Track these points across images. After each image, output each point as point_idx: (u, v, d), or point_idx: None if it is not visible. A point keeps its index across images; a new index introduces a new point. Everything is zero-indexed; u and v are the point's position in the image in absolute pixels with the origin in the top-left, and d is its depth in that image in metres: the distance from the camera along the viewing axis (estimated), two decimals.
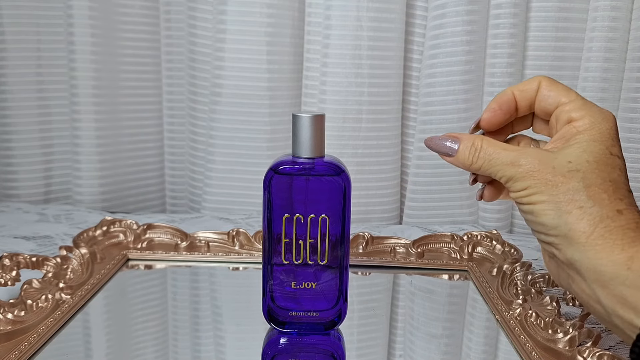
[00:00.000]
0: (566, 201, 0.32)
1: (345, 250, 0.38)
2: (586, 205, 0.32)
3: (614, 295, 0.31)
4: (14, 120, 0.74)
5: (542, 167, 0.33)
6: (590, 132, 0.34)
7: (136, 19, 0.75)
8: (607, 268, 0.30)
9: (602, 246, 0.31)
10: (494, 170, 0.35)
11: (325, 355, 0.38)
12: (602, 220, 0.31)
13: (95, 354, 0.39)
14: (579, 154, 0.33)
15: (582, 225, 0.31)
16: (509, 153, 0.35)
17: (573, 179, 0.32)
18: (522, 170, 0.34)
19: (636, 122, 0.64)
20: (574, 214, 0.32)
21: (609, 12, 0.64)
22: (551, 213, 0.32)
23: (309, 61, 0.71)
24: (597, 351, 0.34)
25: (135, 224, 0.56)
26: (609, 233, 0.31)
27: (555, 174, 0.33)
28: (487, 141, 0.36)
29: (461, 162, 0.37)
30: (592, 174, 0.32)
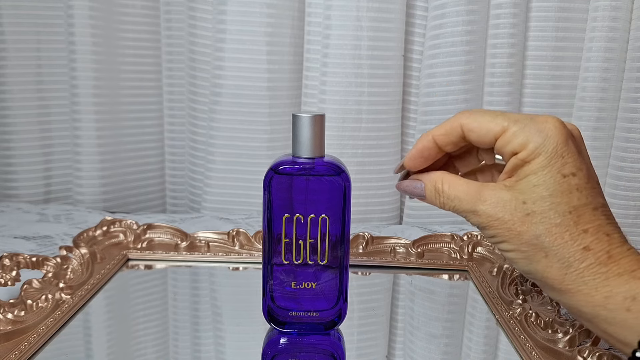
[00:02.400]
0: (532, 250, 0.32)
1: (345, 250, 0.38)
2: (550, 252, 0.31)
3: (600, 330, 0.31)
4: (14, 120, 0.74)
5: (502, 214, 0.32)
6: (537, 161, 0.32)
7: (136, 19, 0.75)
8: (586, 309, 0.31)
9: (575, 290, 0.31)
10: (461, 213, 0.35)
11: (325, 355, 0.38)
12: (570, 265, 0.31)
13: (95, 354, 0.39)
14: (531, 190, 0.32)
15: (552, 274, 0.31)
16: (468, 198, 0.34)
17: (533, 225, 0.31)
18: (484, 220, 0.33)
19: (636, 122, 0.64)
20: (542, 263, 0.32)
21: (609, 12, 0.64)
22: (521, 261, 0.33)
23: (309, 61, 0.71)
24: (597, 351, 0.34)
25: (135, 224, 0.56)
26: (579, 277, 0.31)
27: (514, 221, 0.32)
28: (447, 182, 0.35)
29: (432, 204, 0.36)
30: (550, 212, 0.31)
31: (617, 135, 0.67)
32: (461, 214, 0.35)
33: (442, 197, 0.35)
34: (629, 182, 0.65)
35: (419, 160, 0.37)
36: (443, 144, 0.36)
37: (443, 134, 0.35)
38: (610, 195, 0.67)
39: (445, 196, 0.35)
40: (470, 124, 0.34)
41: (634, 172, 0.65)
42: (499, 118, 0.33)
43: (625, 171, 0.65)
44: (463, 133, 0.35)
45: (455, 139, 0.35)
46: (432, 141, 0.36)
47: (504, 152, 0.33)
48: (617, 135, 0.67)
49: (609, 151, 0.68)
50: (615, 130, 0.67)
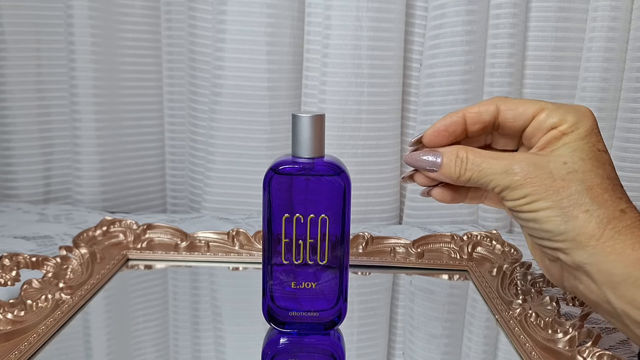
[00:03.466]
0: (571, 206, 0.31)
1: (345, 250, 0.38)
2: (592, 207, 0.31)
3: (625, 297, 0.30)
4: (14, 120, 0.74)
5: (539, 172, 0.32)
6: (575, 133, 0.33)
7: (136, 19, 0.75)
8: (619, 269, 0.30)
9: (612, 248, 0.31)
10: (485, 181, 0.34)
11: (325, 355, 0.38)
12: (610, 222, 0.31)
13: (95, 354, 0.39)
14: (571, 154, 0.32)
15: (591, 229, 0.31)
16: (499, 161, 0.33)
17: (573, 182, 0.32)
18: (519, 178, 0.33)
19: (636, 122, 0.64)
20: (580, 218, 0.31)
21: (609, 12, 0.64)
22: (557, 219, 0.32)
23: (309, 61, 0.71)
24: (597, 351, 0.34)
25: (135, 224, 0.56)
26: (618, 234, 0.31)
27: (555, 178, 0.32)
28: (472, 151, 0.35)
29: (447, 175, 0.35)
30: (590, 173, 0.32)
31: (617, 135, 0.67)
32: (487, 178, 0.33)
33: (465, 164, 0.34)
34: (629, 182, 0.65)
35: (442, 134, 0.36)
36: (472, 122, 0.36)
37: (476, 111, 0.36)
38: None
39: (470, 162, 0.34)
40: (508, 102, 0.35)
41: (634, 172, 0.65)
42: (532, 100, 0.35)
43: (625, 171, 0.65)
44: (497, 113, 0.35)
45: (487, 118, 0.35)
46: (462, 117, 0.36)
47: (541, 127, 0.34)
48: (617, 135, 0.67)
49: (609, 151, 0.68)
50: (615, 130, 0.67)
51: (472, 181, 0.34)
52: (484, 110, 0.35)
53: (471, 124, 0.36)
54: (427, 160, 0.36)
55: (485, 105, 0.36)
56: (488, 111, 0.35)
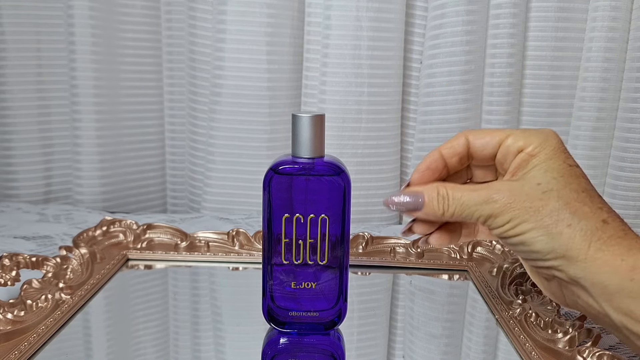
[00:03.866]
0: (553, 223, 0.32)
1: (345, 250, 0.38)
2: (573, 222, 0.32)
3: (620, 308, 0.31)
4: (14, 120, 0.74)
5: (517, 196, 0.33)
6: (543, 153, 0.34)
7: (136, 19, 0.75)
8: (612, 281, 0.30)
9: (602, 260, 0.31)
10: (468, 213, 0.34)
11: (325, 355, 0.38)
12: (594, 234, 0.31)
13: (95, 354, 0.39)
14: (543, 174, 0.33)
15: (577, 243, 0.31)
16: (478, 192, 0.34)
17: (551, 200, 0.32)
18: (499, 206, 0.33)
19: (636, 122, 0.64)
20: (565, 234, 0.32)
21: (609, 12, 0.64)
22: (543, 238, 0.32)
23: (309, 61, 0.71)
24: (597, 351, 0.34)
25: (135, 224, 0.56)
26: (605, 245, 0.31)
27: (532, 199, 0.33)
28: (451, 187, 0.36)
29: (431, 213, 0.36)
30: (565, 190, 0.33)
31: (617, 135, 0.67)
32: (470, 211, 0.34)
33: (447, 200, 0.35)
34: (629, 182, 0.65)
35: (426, 174, 0.37)
36: (449, 156, 0.37)
37: (449, 147, 0.37)
38: (610, 196, 0.67)
39: (451, 198, 0.35)
40: (475, 133, 0.37)
41: (633, 172, 0.65)
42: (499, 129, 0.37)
43: (625, 171, 0.65)
44: (468, 144, 0.37)
45: (460, 149, 0.37)
46: (439, 153, 0.38)
47: (509, 152, 0.35)
48: (617, 135, 0.67)
49: (609, 151, 0.68)
50: (615, 130, 0.67)
51: (456, 215, 0.35)
52: (456, 143, 0.37)
53: (449, 157, 0.38)
54: (409, 202, 0.36)
55: (455, 139, 0.38)
56: (459, 143, 0.37)
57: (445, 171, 0.38)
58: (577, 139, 0.68)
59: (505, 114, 0.68)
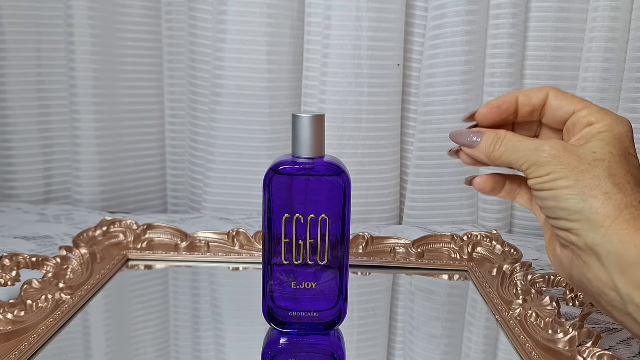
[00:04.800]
0: (591, 186, 0.33)
1: (345, 250, 0.38)
2: (612, 191, 0.32)
3: (633, 281, 0.31)
4: (14, 120, 0.74)
5: (567, 153, 0.34)
6: (609, 132, 0.34)
7: (136, 19, 0.75)
8: (630, 252, 0.31)
9: (626, 230, 0.31)
10: (515, 157, 0.35)
11: (325, 355, 0.38)
12: (627, 207, 0.32)
13: (95, 354, 0.39)
14: (602, 146, 0.34)
15: (607, 210, 0.32)
16: (532, 141, 0.35)
17: (598, 167, 0.33)
18: (547, 155, 0.34)
19: (636, 122, 0.64)
20: (599, 199, 0.32)
21: (609, 12, 0.64)
22: (576, 197, 0.33)
23: (309, 61, 0.71)
24: (597, 351, 0.34)
25: (135, 224, 0.56)
26: (634, 219, 0.31)
27: (581, 161, 0.33)
28: (511, 133, 0.37)
29: (482, 150, 0.37)
30: (616, 165, 0.33)
31: None
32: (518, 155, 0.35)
33: (502, 141, 0.36)
34: None
35: (495, 111, 0.38)
36: (523, 104, 0.38)
37: (528, 94, 0.38)
38: None
39: (507, 140, 0.36)
40: (557, 93, 0.37)
41: None
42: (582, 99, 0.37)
43: None
44: (547, 99, 0.37)
45: (537, 102, 0.37)
46: (515, 97, 0.38)
47: (579, 122, 0.36)
48: None
49: None
50: None
51: (503, 158, 0.36)
52: (535, 94, 0.38)
53: (522, 105, 0.38)
54: (468, 137, 0.38)
55: (537, 90, 0.38)
56: (538, 96, 0.37)
57: (514, 116, 0.39)
58: None
59: None
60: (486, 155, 0.37)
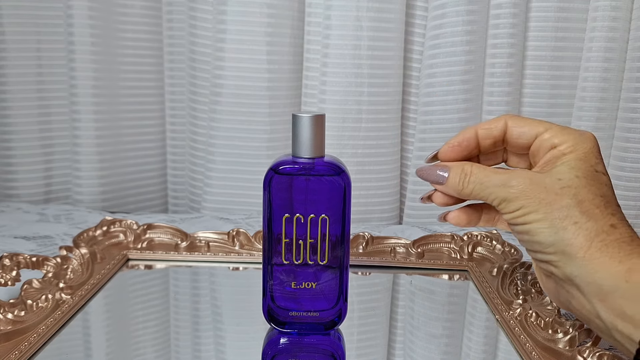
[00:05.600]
0: (561, 218, 0.33)
1: (345, 250, 0.38)
2: (581, 220, 0.32)
3: (613, 309, 0.31)
4: (14, 120, 0.74)
5: (534, 186, 0.34)
6: (574, 153, 0.34)
7: (136, 19, 0.75)
8: (606, 281, 0.31)
9: (600, 259, 0.31)
10: (485, 194, 0.36)
11: (325, 355, 0.38)
12: (598, 235, 0.32)
13: (95, 354, 0.39)
14: (567, 171, 0.34)
15: (579, 240, 0.32)
16: (499, 176, 0.35)
17: (565, 196, 0.33)
18: (515, 191, 0.34)
19: (636, 122, 0.64)
20: (569, 230, 0.32)
21: (609, 12, 0.64)
22: (547, 231, 0.33)
23: (309, 61, 0.71)
24: (597, 351, 0.34)
25: (135, 224, 0.56)
26: (606, 247, 0.31)
27: (548, 192, 0.33)
28: (477, 166, 0.36)
29: (452, 188, 0.37)
30: (583, 190, 0.33)
31: (617, 135, 0.67)
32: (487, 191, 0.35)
33: (469, 177, 0.36)
34: (629, 182, 0.65)
35: (456, 148, 0.38)
36: (483, 137, 0.38)
37: (487, 127, 0.38)
38: None
39: (473, 176, 0.36)
40: (516, 120, 0.37)
41: (634, 172, 0.65)
42: (539, 121, 0.37)
43: (625, 171, 0.65)
44: (506, 129, 0.37)
45: (497, 133, 0.38)
46: (474, 132, 0.38)
47: (543, 146, 0.36)
48: (617, 135, 0.67)
49: (609, 151, 0.68)
50: (615, 130, 0.67)
51: (474, 194, 0.36)
52: (494, 126, 0.38)
53: (483, 139, 0.38)
54: (435, 174, 0.38)
55: (495, 121, 0.38)
56: (497, 127, 0.38)
57: (477, 151, 0.39)
58: None
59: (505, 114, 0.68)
60: (457, 193, 0.37)
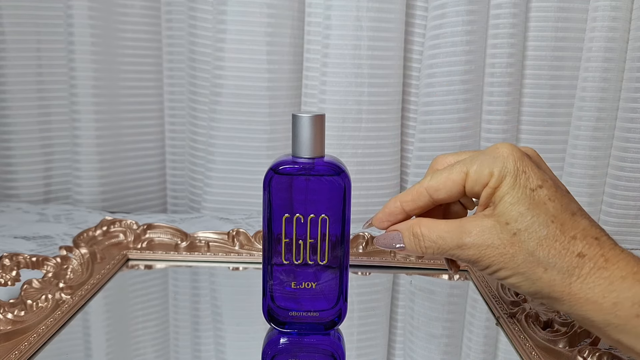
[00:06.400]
0: (530, 270, 0.32)
1: (345, 250, 0.38)
2: (549, 265, 0.31)
3: (613, 340, 0.31)
4: (14, 120, 0.74)
5: (490, 240, 0.32)
6: (504, 184, 0.33)
7: (136, 19, 0.75)
8: (597, 317, 0.30)
9: (584, 298, 0.31)
10: (442, 253, 0.34)
11: (325, 355, 0.38)
12: (572, 274, 0.31)
13: (95, 354, 0.39)
14: (509, 210, 0.32)
15: (557, 287, 0.31)
16: (451, 235, 0.33)
17: (522, 243, 0.32)
18: (473, 252, 0.33)
19: (636, 122, 0.64)
20: (544, 279, 0.31)
21: (609, 12, 0.64)
22: (524, 283, 0.32)
23: (309, 61, 0.71)
24: (597, 351, 0.34)
25: (135, 224, 0.56)
26: (584, 284, 0.31)
27: (504, 244, 0.32)
28: (425, 225, 0.35)
29: (412, 252, 0.36)
30: (534, 226, 0.31)
31: (617, 135, 0.66)
32: (448, 253, 0.34)
33: (423, 241, 0.34)
34: (629, 182, 0.65)
35: (386, 223, 0.37)
36: (410, 209, 0.36)
37: (410, 200, 0.36)
38: (610, 195, 0.67)
39: (426, 239, 0.34)
40: (433, 185, 0.35)
41: (634, 172, 0.65)
42: (456, 167, 0.35)
43: (625, 171, 0.65)
44: (430, 196, 0.36)
45: (423, 204, 0.36)
46: (399, 207, 0.37)
47: (475, 192, 0.34)
48: (617, 135, 0.67)
49: (609, 151, 0.68)
50: (615, 130, 0.67)
51: (432, 255, 0.35)
52: (417, 197, 0.36)
53: (410, 211, 0.36)
54: (391, 240, 0.36)
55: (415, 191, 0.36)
56: (421, 197, 0.36)
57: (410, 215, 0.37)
58: (577, 139, 0.68)
59: (505, 114, 0.68)
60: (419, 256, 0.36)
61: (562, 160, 0.70)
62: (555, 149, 0.70)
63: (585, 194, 0.68)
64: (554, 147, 0.70)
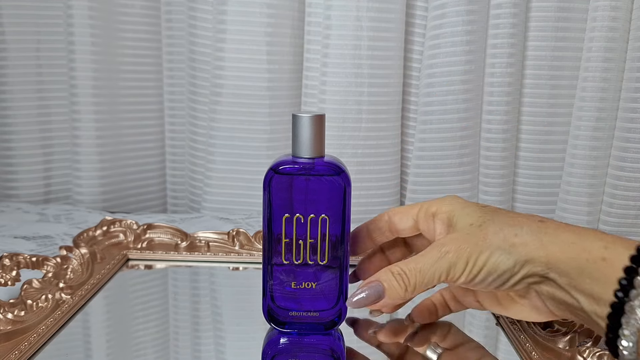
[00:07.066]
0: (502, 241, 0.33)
1: (345, 250, 0.38)
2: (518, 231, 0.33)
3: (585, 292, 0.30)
4: (14, 120, 0.74)
5: (462, 240, 0.34)
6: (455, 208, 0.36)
7: (136, 19, 0.75)
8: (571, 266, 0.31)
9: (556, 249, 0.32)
10: (429, 277, 0.34)
11: (325, 355, 0.38)
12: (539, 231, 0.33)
13: (95, 354, 0.39)
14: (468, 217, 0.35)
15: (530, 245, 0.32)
16: (429, 254, 0.34)
17: (489, 227, 0.34)
18: (452, 254, 0.33)
19: (636, 122, 0.64)
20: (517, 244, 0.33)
21: (609, 12, 0.64)
22: (502, 257, 0.33)
23: (309, 61, 0.71)
24: (597, 351, 0.34)
25: (135, 224, 0.56)
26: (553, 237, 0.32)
27: (475, 235, 0.34)
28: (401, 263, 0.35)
29: (395, 295, 0.34)
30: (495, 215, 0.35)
31: (617, 135, 0.67)
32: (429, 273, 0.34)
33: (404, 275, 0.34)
34: (629, 182, 0.65)
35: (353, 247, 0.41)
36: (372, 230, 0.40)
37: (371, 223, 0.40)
38: (610, 195, 0.67)
39: (407, 271, 0.34)
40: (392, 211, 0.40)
41: (634, 172, 0.65)
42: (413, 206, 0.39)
43: (625, 171, 0.65)
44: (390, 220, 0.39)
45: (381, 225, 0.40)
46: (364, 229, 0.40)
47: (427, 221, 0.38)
48: (617, 136, 0.67)
49: (609, 151, 0.68)
50: (615, 131, 0.67)
51: (419, 285, 0.34)
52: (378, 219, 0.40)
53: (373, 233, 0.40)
54: (370, 294, 0.35)
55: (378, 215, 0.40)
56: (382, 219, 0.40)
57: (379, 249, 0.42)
58: (577, 139, 0.68)
59: (505, 114, 0.68)
60: (401, 298, 0.35)
61: (562, 160, 0.70)
62: (555, 149, 0.70)
63: (585, 194, 0.68)
64: (554, 147, 0.70)
